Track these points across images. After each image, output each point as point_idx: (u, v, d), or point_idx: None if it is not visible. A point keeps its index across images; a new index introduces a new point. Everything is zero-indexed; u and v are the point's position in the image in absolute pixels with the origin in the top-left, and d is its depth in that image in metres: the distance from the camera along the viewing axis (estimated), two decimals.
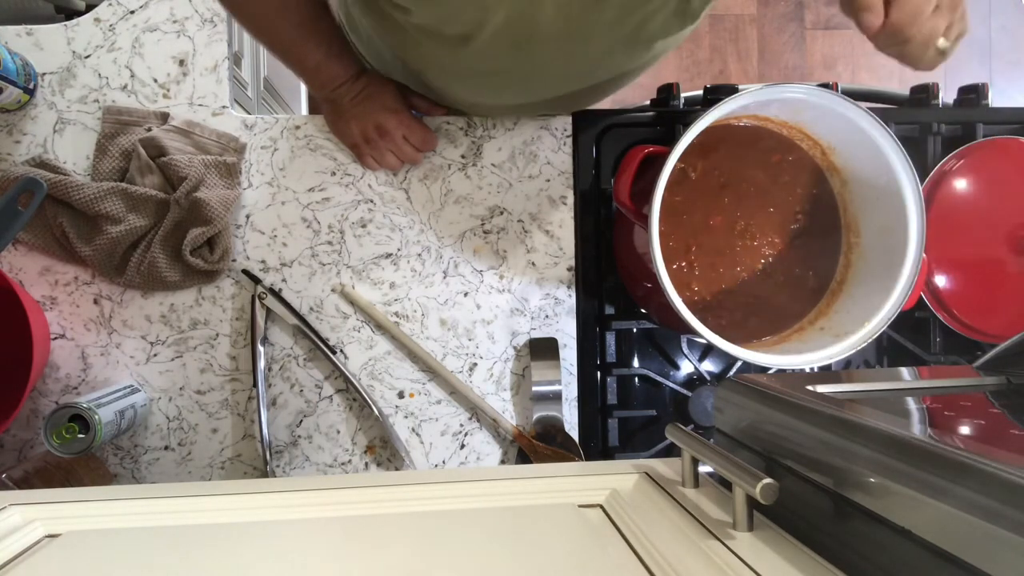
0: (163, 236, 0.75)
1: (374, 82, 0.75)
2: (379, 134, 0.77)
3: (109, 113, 0.78)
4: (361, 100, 0.75)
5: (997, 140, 0.83)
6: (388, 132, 0.77)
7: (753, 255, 0.76)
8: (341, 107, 0.76)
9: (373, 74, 0.76)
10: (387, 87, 0.76)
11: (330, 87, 0.73)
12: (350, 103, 0.75)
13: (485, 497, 0.48)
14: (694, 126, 0.65)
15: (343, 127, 0.78)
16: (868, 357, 0.86)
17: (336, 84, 0.73)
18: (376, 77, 0.76)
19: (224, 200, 0.76)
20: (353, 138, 0.78)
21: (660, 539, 0.41)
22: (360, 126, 0.77)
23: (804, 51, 1.98)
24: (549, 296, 0.83)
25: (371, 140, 0.77)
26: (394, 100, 0.76)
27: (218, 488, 0.49)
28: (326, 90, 0.74)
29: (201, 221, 0.75)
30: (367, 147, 0.78)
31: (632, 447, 0.83)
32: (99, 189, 0.74)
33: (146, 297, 0.78)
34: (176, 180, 0.76)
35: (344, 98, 0.74)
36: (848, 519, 0.37)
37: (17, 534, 0.43)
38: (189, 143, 0.78)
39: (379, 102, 0.76)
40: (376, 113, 0.76)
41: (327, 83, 0.73)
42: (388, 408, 0.80)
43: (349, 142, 0.79)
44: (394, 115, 0.76)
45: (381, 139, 0.77)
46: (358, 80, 0.74)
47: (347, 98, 0.74)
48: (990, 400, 0.50)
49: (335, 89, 0.73)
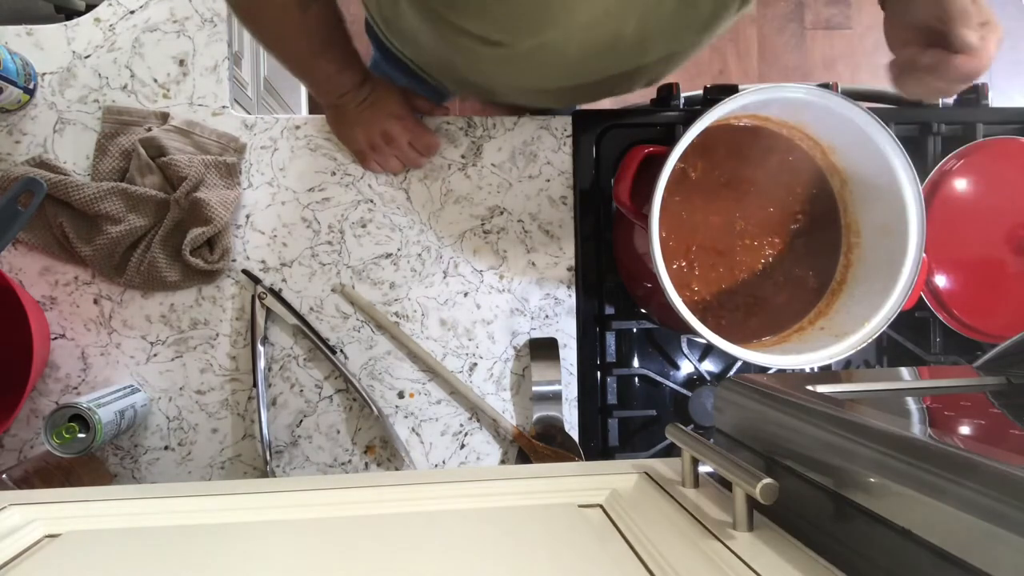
0: (163, 236, 0.75)
1: (379, 88, 0.75)
2: (385, 141, 0.77)
3: (109, 113, 0.78)
4: (367, 107, 0.75)
5: (997, 140, 0.83)
6: (394, 139, 0.76)
7: (753, 255, 0.76)
8: (346, 113, 0.76)
9: (378, 80, 0.76)
10: (392, 93, 0.76)
11: (336, 95, 0.73)
12: (355, 110, 0.75)
13: (485, 497, 0.48)
14: (694, 126, 0.65)
15: (348, 133, 0.78)
16: (868, 357, 0.86)
17: (343, 92, 0.73)
18: (381, 83, 0.76)
19: (224, 200, 0.76)
20: (359, 144, 0.78)
21: (660, 539, 0.40)
22: (366, 133, 0.77)
23: (804, 51, 1.98)
24: (549, 296, 0.82)
25: (377, 147, 0.77)
26: (399, 106, 0.76)
27: (218, 488, 0.49)
28: (332, 97, 0.74)
29: (201, 221, 0.75)
30: (373, 153, 0.78)
31: (632, 447, 0.83)
32: (99, 189, 0.74)
33: (146, 297, 0.78)
34: (176, 180, 0.76)
35: (349, 105, 0.74)
36: (848, 519, 0.37)
37: (17, 534, 0.43)
38: (189, 143, 0.78)
39: (385, 109, 0.76)
40: (382, 120, 0.76)
41: (334, 91, 0.73)
42: (388, 408, 0.80)
43: (354, 148, 0.79)
44: (399, 121, 0.76)
45: (387, 145, 0.77)
46: (363, 87, 0.73)
47: (352, 105, 0.74)
48: (990, 400, 0.50)
49: (341, 96, 0.73)
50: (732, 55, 1.95)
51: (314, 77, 0.72)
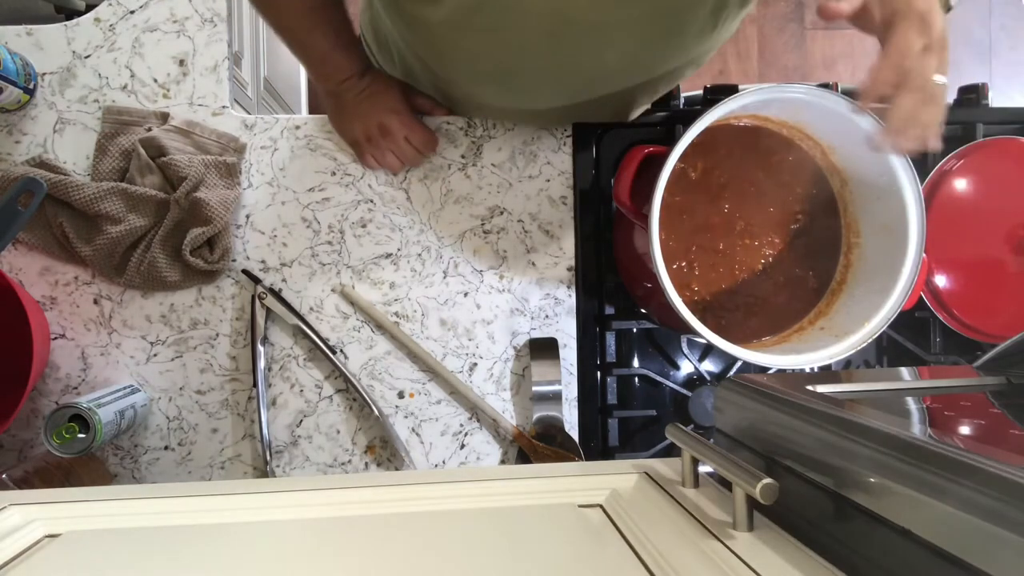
0: (163, 236, 0.75)
1: (379, 81, 0.75)
2: (381, 133, 0.77)
3: (109, 113, 0.78)
4: (365, 98, 0.75)
5: (997, 140, 0.83)
6: (391, 132, 0.77)
7: (753, 255, 0.76)
8: (344, 103, 0.76)
9: (379, 73, 0.76)
10: (392, 87, 0.76)
11: (335, 80, 0.73)
12: (354, 100, 0.75)
13: (485, 497, 0.48)
14: (694, 126, 0.65)
15: (346, 124, 0.78)
16: (868, 357, 0.86)
17: (341, 78, 0.73)
18: (382, 76, 0.76)
19: (224, 200, 0.76)
20: (355, 135, 0.78)
21: (660, 539, 0.40)
22: (363, 124, 0.77)
23: (804, 51, 1.97)
24: (549, 296, 0.82)
25: (373, 139, 0.77)
26: (398, 101, 0.76)
27: (218, 488, 0.49)
28: (331, 83, 0.74)
29: (201, 221, 0.75)
30: (368, 146, 0.78)
31: (632, 447, 0.83)
32: (99, 189, 0.74)
33: (146, 297, 0.78)
34: (176, 180, 0.76)
35: (348, 94, 0.74)
36: (848, 519, 0.37)
37: (17, 534, 0.43)
38: (189, 143, 0.78)
39: (383, 102, 0.76)
40: (380, 112, 0.76)
41: (332, 75, 0.73)
42: (388, 408, 0.80)
43: (350, 139, 0.79)
44: (397, 116, 0.76)
45: (383, 139, 0.77)
46: (363, 77, 0.74)
47: (351, 94, 0.74)
48: (990, 400, 0.50)
49: (340, 83, 0.73)
50: (732, 55, 1.95)
51: (310, 54, 0.72)
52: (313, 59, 0.73)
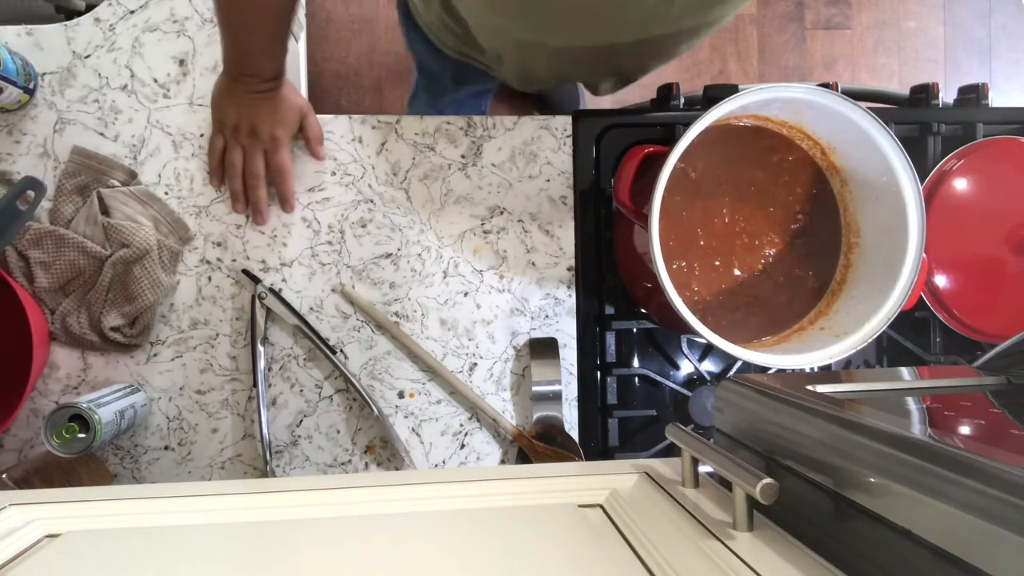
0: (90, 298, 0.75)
1: (282, 92, 0.75)
2: (249, 132, 0.75)
3: (77, 153, 0.77)
4: (260, 95, 0.74)
5: (997, 140, 0.83)
6: (258, 136, 0.75)
7: (753, 255, 0.76)
8: (237, 89, 0.74)
9: (288, 86, 0.76)
10: (292, 105, 0.76)
11: (244, 72, 0.72)
12: (248, 92, 0.74)
13: (485, 497, 0.48)
14: (694, 126, 0.65)
15: (225, 103, 0.76)
16: (868, 357, 0.86)
17: (251, 72, 0.72)
18: (289, 90, 0.76)
19: (156, 283, 0.75)
20: (225, 118, 0.76)
21: (660, 539, 0.41)
22: (239, 114, 0.75)
23: (804, 51, 1.98)
24: (549, 296, 0.83)
25: (237, 131, 0.76)
26: (284, 117, 0.76)
27: (218, 488, 0.49)
28: (238, 71, 0.73)
29: (126, 295, 0.75)
30: (229, 133, 0.76)
31: (632, 447, 0.83)
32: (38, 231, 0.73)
33: None
34: (116, 244, 0.75)
35: (248, 84, 0.73)
36: (848, 519, 0.37)
37: (17, 534, 0.43)
38: (143, 214, 0.77)
39: (273, 109, 0.75)
40: (262, 114, 0.75)
41: (245, 69, 0.72)
42: (388, 408, 0.80)
43: (219, 118, 0.77)
44: (274, 127, 0.76)
45: (247, 137, 0.76)
46: (270, 81, 0.73)
47: (250, 85, 0.73)
48: (990, 400, 0.50)
49: (247, 75, 0.72)
50: (732, 55, 1.95)
51: (240, 46, 0.71)
52: (239, 51, 0.72)
